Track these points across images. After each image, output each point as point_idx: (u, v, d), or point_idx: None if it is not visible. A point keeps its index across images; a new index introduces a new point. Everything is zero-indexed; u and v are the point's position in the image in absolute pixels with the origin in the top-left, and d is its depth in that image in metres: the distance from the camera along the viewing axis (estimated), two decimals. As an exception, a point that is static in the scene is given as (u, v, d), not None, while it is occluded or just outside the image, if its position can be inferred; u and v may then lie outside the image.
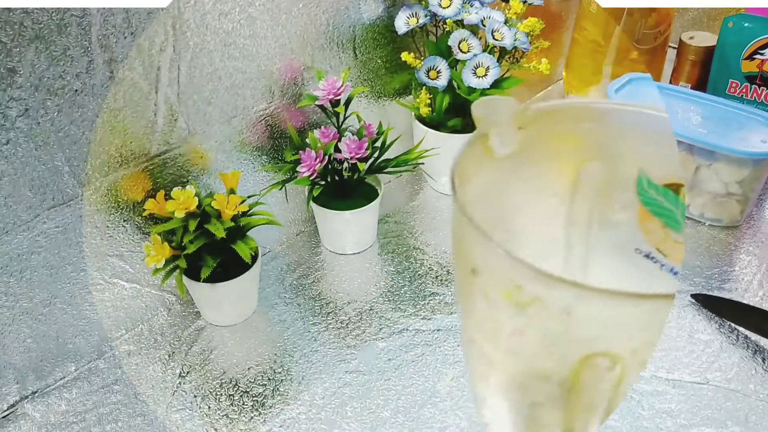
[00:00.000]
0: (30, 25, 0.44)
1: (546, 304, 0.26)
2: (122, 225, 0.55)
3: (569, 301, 0.25)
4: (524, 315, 0.27)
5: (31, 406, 0.53)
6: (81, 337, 0.56)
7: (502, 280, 0.27)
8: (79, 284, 0.54)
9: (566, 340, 0.27)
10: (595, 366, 0.27)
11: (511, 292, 0.27)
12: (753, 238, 0.69)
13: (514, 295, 0.27)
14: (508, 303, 0.27)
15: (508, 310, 0.28)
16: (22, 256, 0.50)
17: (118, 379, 0.56)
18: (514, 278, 0.26)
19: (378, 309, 0.61)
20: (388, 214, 0.73)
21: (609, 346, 0.27)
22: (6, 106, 0.45)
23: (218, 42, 0.55)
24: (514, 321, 0.28)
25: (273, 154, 0.65)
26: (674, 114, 0.70)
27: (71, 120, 0.48)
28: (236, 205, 0.55)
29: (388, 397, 0.53)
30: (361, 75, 0.69)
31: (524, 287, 0.26)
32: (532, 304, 0.27)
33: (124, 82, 0.50)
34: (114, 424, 0.52)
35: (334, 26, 0.64)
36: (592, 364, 0.27)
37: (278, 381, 0.55)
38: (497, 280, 0.28)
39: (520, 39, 0.66)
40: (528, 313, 0.27)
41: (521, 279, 0.26)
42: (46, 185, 0.49)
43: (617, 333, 0.26)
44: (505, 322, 0.29)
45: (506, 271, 0.27)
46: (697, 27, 1.03)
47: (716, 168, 0.67)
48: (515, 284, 0.26)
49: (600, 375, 0.28)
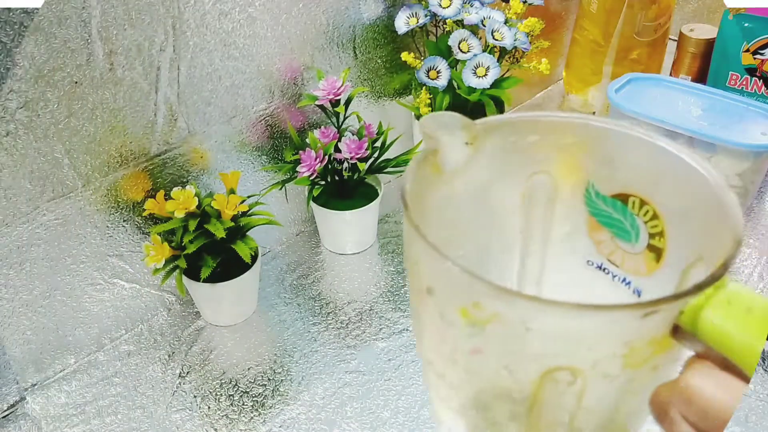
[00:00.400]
0: (30, 18, 0.44)
1: (504, 321, 0.26)
2: (122, 225, 0.55)
3: (527, 317, 0.25)
4: (482, 333, 0.27)
5: (30, 398, 0.54)
6: (81, 330, 0.56)
7: (458, 298, 0.27)
8: (78, 277, 0.54)
9: (525, 356, 0.27)
10: (555, 381, 0.27)
11: (468, 310, 0.27)
12: (753, 230, 0.69)
13: (472, 313, 0.27)
14: (466, 322, 0.27)
15: (466, 329, 0.27)
16: (21, 248, 0.50)
17: (118, 372, 0.56)
18: (470, 296, 0.26)
19: (378, 309, 0.61)
20: (388, 214, 0.73)
21: (568, 360, 0.26)
22: (6, 98, 0.45)
23: (218, 42, 0.55)
24: (472, 340, 0.28)
25: (273, 154, 0.65)
26: (674, 106, 0.70)
27: (71, 112, 0.48)
28: (236, 205, 0.55)
29: (388, 397, 0.53)
30: (361, 75, 0.69)
31: (481, 304, 0.26)
32: (490, 321, 0.26)
33: (124, 81, 0.50)
34: (113, 417, 0.52)
35: (334, 26, 0.64)
36: (553, 380, 0.27)
37: (278, 381, 0.55)
38: (453, 298, 0.28)
39: (520, 39, 0.66)
40: (486, 331, 0.27)
41: (478, 296, 0.26)
42: (45, 177, 0.49)
43: (576, 346, 0.26)
44: (462, 342, 0.29)
45: (462, 288, 0.26)
46: (697, 19, 1.03)
47: (716, 160, 0.67)
48: (472, 302, 0.26)
49: (561, 390, 0.28)
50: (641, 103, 0.71)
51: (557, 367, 0.27)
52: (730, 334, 0.23)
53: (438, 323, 0.29)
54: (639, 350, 0.26)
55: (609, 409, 0.30)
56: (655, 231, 0.34)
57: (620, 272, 0.37)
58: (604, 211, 0.37)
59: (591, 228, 0.38)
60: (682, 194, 0.32)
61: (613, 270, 0.37)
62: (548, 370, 0.27)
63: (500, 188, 0.38)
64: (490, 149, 0.35)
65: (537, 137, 0.36)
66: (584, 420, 0.30)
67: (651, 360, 0.26)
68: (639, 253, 0.36)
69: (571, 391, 0.28)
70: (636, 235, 0.35)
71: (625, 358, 0.26)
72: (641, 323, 0.24)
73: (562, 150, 0.36)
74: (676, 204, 0.33)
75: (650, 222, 0.34)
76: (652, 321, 0.24)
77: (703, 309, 0.24)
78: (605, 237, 0.37)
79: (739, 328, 0.23)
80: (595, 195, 0.36)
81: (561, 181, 0.37)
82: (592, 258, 0.38)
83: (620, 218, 0.36)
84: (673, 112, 0.69)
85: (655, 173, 0.34)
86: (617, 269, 0.37)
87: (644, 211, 0.35)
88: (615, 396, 0.29)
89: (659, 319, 0.24)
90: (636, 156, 0.34)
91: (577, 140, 0.36)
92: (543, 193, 0.38)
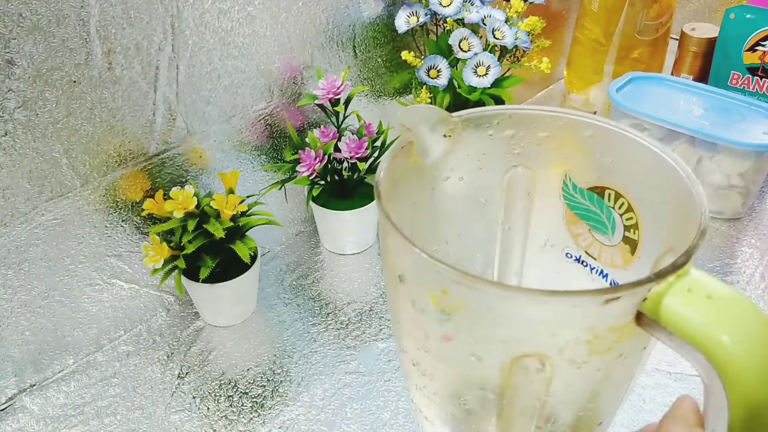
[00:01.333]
0: (28, 16, 0.44)
1: (471, 307, 0.27)
2: (121, 225, 0.55)
3: (492, 303, 0.26)
4: (451, 320, 0.28)
5: (29, 398, 0.53)
6: (79, 330, 0.56)
7: (427, 285, 0.28)
8: (77, 277, 0.54)
9: (493, 342, 0.28)
10: (524, 368, 0.28)
11: (437, 297, 0.27)
12: (755, 230, 0.69)
13: (441, 300, 0.27)
14: (436, 308, 0.28)
15: (436, 315, 0.28)
16: (20, 248, 0.50)
17: (117, 372, 0.55)
18: (438, 283, 0.27)
19: (378, 309, 0.61)
20: (389, 213, 0.73)
21: (535, 347, 0.27)
22: (4, 98, 0.44)
23: (217, 41, 0.55)
24: (442, 327, 0.28)
25: (272, 154, 0.65)
26: (676, 106, 0.70)
27: (69, 111, 0.48)
28: (235, 204, 0.54)
29: (388, 398, 0.52)
30: (360, 74, 0.69)
31: (449, 291, 0.26)
32: (459, 308, 0.27)
33: (122, 81, 0.50)
34: (112, 417, 0.52)
35: (334, 25, 0.64)
36: (522, 367, 0.28)
37: (277, 382, 0.54)
38: (423, 286, 0.28)
39: (521, 38, 0.66)
40: (455, 318, 0.28)
41: (445, 283, 0.26)
42: (44, 177, 0.49)
43: (541, 332, 0.26)
44: (434, 329, 0.29)
45: (430, 276, 0.27)
46: (698, 18, 1.03)
47: (718, 160, 0.67)
48: (441, 288, 0.27)
49: (530, 378, 0.28)
50: (642, 102, 0.70)
51: (525, 354, 0.27)
52: (691, 319, 0.23)
53: (410, 311, 0.30)
54: (603, 337, 0.26)
55: (578, 397, 0.30)
56: (630, 223, 0.35)
57: (597, 264, 0.38)
58: (581, 204, 0.37)
59: (569, 221, 0.38)
60: (655, 186, 0.33)
61: (591, 263, 0.38)
62: (516, 357, 0.27)
63: (480, 181, 0.38)
64: (468, 142, 0.35)
65: (512, 131, 0.36)
66: (555, 408, 0.30)
67: (615, 347, 0.27)
68: (615, 246, 0.36)
69: (540, 379, 0.28)
70: (612, 227, 0.36)
71: (589, 344, 0.26)
72: (603, 309, 0.24)
73: (539, 143, 0.37)
74: (649, 196, 0.33)
75: (625, 214, 0.35)
76: (613, 307, 0.24)
77: (664, 296, 0.24)
78: (583, 230, 0.38)
79: (699, 315, 0.23)
80: (572, 188, 0.37)
81: (539, 174, 0.38)
82: (571, 251, 0.39)
83: (597, 211, 0.36)
84: (674, 111, 0.69)
85: (629, 165, 0.34)
86: (595, 262, 0.38)
87: (619, 204, 0.35)
88: (583, 384, 0.29)
89: (621, 306, 0.25)
90: (611, 148, 0.35)
91: (552, 134, 0.36)
92: (522, 186, 0.38)
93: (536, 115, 0.36)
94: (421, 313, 0.29)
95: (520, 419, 0.31)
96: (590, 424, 0.32)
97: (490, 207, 0.39)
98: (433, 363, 0.31)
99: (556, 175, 0.37)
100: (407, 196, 0.34)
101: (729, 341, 0.22)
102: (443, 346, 0.29)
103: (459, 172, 0.37)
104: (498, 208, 0.39)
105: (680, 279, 0.24)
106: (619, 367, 0.28)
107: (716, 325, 0.23)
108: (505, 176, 0.38)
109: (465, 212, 0.39)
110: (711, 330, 0.23)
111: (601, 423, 0.33)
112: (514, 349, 0.27)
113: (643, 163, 0.32)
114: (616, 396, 0.32)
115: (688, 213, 0.29)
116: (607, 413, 0.33)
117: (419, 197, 0.36)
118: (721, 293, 0.23)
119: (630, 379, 0.31)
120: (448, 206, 0.38)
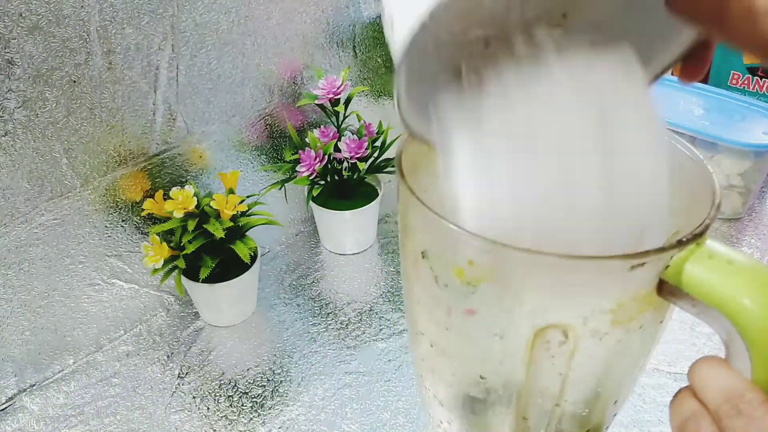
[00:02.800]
0: (28, 16, 0.44)
1: (499, 276, 0.27)
2: (121, 225, 0.55)
3: (522, 270, 0.26)
4: (476, 292, 0.28)
5: (29, 399, 0.53)
6: (79, 330, 0.56)
7: (453, 258, 0.28)
8: (77, 277, 0.54)
9: (519, 313, 0.28)
10: (546, 342, 0.28)
11: (463, 269, 0.27)
12: (755, 230, 0.69)
13: (467, 272, 0.27)
14: (461, 282, 0.28)
15: (461, 289, 0.28)
16: (20, 248, 0.50)
17: (117, 372, 0.55)
18: (465, 254, 0.27)
19: (378, 309, 0.61)
20: (388, 214, 0.73)
21: (560, 317, 0.27)
22: (4, 98, 0.45)
23: (217, 41, 0.55)
24: (467, 300, 0.29)
25: (272, 154, 0.65)
26: (676, 106, 0.70)
27: (69, 111, 0.48)
28: (235, 205, 0.54)
29: (388, 398, 0.52)
30: (360, 74, 0.69)
31: (476, 261, 0.27)
32: (485, 279, 0.27)
33: (122, 81, 0.50)
34: (112, 417, 0.52)
35: (334, 25, 0.64)
36: (544, 340, 0.28)
37: (277, 382, 0.54)
38: (448, 259, 0.28)
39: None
40: (480, 290, 0.28)
41: (473, 253, 0.26)
42: (44, 177, 0.49)
43: (568, 300, 0.27)
44: (457, 303, 0.29)
45: (457, 247, 0.27)
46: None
47: (718, 160, 0.67)
48: (467, 260, 0.27)
49: (552, 351, 0.28)
50: (642, 102, 0.70)
51: (549, 325, 0.27)
52: (714, 284, 0.24)
53: (432, 288, 0.30)
54: (626, 306, 0.26)
55: (598, 371, 0.30)
56: None
57: None
58: None
59: None
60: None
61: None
62: (541, 329, 0.27)
63: None
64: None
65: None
66: (574, 384, 0.30)
67: (637, 317, 0.27)
68: None
69: (562, 351, 0.28)
70: None
71: (613, 313, 0.26)
72: (629, 276, 0.25)
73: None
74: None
75: None
76: (638, 274, 0.25)
77: (686, 263, 0.25)
78: None
79: (721, 279, 0.24)
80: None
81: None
82: None
83: None
84: (674, 111, 0.69)
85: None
86: None
87: None
88: (604, 357, 0.29)
89: (645, 273, 0.25)
90: None
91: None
92: None
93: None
94: (445, 289, 0.29)
95: (539, 397, 0.31)
96: (606, 401, 0.32)
97: None
98: (454, 341, 0.31)
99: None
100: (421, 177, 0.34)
101: (751, 304, 0.23)
102: (467, 321, 0.29)
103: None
104: None
105: (700, 247, 0.25)
106: (638, 340, 0.29)
107: (739, 290, 0.23)
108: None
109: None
110: (734, 294, 0.23)
111: (616, 402, 0.33)
112: (539, 319, 0.27)
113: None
114: (632, 372, 0.32)
115: (696, 193, 0.29)
116: (622, 391, 0.33)
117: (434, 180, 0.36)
118: (741, 259, 0.24)
119: (646, 354, 0.31)
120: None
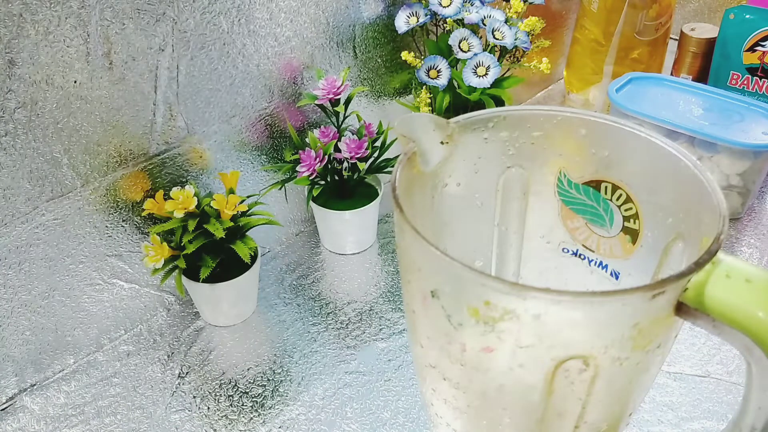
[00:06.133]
0: (28, 16, 0.44)
1: (517, 317, 0.26)
2: (121, 225, 0.55)
3: (541, 310, 0.26)
4: (494, 331, 0.27)
5: (29, 398, 0.53)
6: (80, 330, 0.56)
7: (467, 298, 0.27)
8: (77, 277, 0.54)
9: (539, 348, 0.27)
10: (566, 370, 0.27)
11: (478, 309, 0.27)
12: (755, 230, 0.69)
13: (483, 312, 0.27)
14: (476, 321, 0.27)
15: (477, 328, 0.27)
16: (20, 248, 0.50)
17: (117, 372, 0.56)
18: (480, 295, 0.26)
19: (378, 309, 0.61)
20: (388, 214, 0.73)
21: (581, 349, 0.27)
22: (4, 98, 0.45)
23: (217, 41, 0.55)
24: (483, 339, 0.28)
25: (272, 154, 0.65)
26: (675, 106, 0.70)
27: (70, 112, 0.48)
28: (235, 204, 0.54)
29: (388, 398, 0.53)
30: (361, 74, 0.69)
31: (492, 302, 0.26)
32: (503, 318, 0.26)
33: (123, 81, 0.50)
34: (113, 417, 0.52)
35: (334, 25, 0.64)
36: (563, 369, 0.27)
37: (278, 382, 0.54)
38: (461, 299, 0.28)
39: (521, 38, 0.66)
40: (498, 329, 0.27)
41: (489, 295, 0.26)
42: (44, 177, 0.49)
43: (589, 333, 0.26)
44: (473, 342, 0.29)
45: (471, 289, 0.27)
46: (698, 18, 1.03)
47: (717, 160, 0.67)
48: (483, 301, 0.26)
49: (571, 378, 0.28)
50: (642, 102, 0.71)
51: (570, 357, 0.27)
52: (734, 305, 0.24)
53: (444, 326, 0.29)
54: (646, 331, 0.26)
55: (617, 392, 0.30)
56: (629, 214, 0.35)
57: (596, 257, 0.38)
58: (576, 199, 0.37)
59: (564, 216, 0.38)
60: (656, 176, 0.33)
61: (589, 255, 0.38)
62: (561, 361, 0.27)
63: (476, 185, 0.38)
64: (464, 147, 0.35)
65: (507, 132, 0.36)
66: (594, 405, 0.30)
67: (655, 339, 0.27)
68: (614, 237, 0.36)
69: (581, 379, 0.28)
70: (610, 219, 0.36)
71: (634, 339, 0.26)
72: (649, 304, 0.25)
73: (533, 143, 0.37)
74: (649, 186, 0.34)
75: (624, 205, 0.35)
76: (659, 301, 0.25)
77: (706, 285, 0.25)
78: (579, 224, 0.38)
79: (741, 299, 0.24)
80: (567, 183, 0.37)
81: (533, 173, 0.38)
82: (567, 245, 0.39)
83: (593, 204, 0.37)
84: (674, 111, 0.69)
85: (627, 157, 0.34)
86: (593, 254, 0.38)
87: (617, 196, 0.35)
88: (624, 379, 0.29)
89: (665, 299, 0.25)
90: (607, 142, 0.35)
91: (546, 132, 0.36)
92: (517, 186, 0.39)
93: (530, 115, 0.36)
94: (458, 327, 0.28)
95: (558, 419, 0.31)
96: (622, 415, 0.32)
97: (486, 209, 0.39)
98: (469, 376, 0.31)
99: (550, 173, 0.37)
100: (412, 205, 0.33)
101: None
102: (483, 357, 0.29)
103: (456, 177, 0.37)
104: (494, 210, 0.39)
105: (716, 266, 0.25)
106: (655, 358, 0.29)
107: (759, 307, 0.23)
108: (500, 178, 0.38)
109: (462, 217, 0.39)
110: (755, 312, 0.23)
111: (632, 413, 0.33)
112: (560, 353, 0.27)
113: (642, 154, 0.33)
114: (648, 385, 0.32)
115: (695, 198, 0.29)
116: (638, 402, 0.33)
117: (421, 206, 0.36)
118: (758, 276, 0.24)
119: (661, 365, 0.31)
120: (447, 212, 0.38)
